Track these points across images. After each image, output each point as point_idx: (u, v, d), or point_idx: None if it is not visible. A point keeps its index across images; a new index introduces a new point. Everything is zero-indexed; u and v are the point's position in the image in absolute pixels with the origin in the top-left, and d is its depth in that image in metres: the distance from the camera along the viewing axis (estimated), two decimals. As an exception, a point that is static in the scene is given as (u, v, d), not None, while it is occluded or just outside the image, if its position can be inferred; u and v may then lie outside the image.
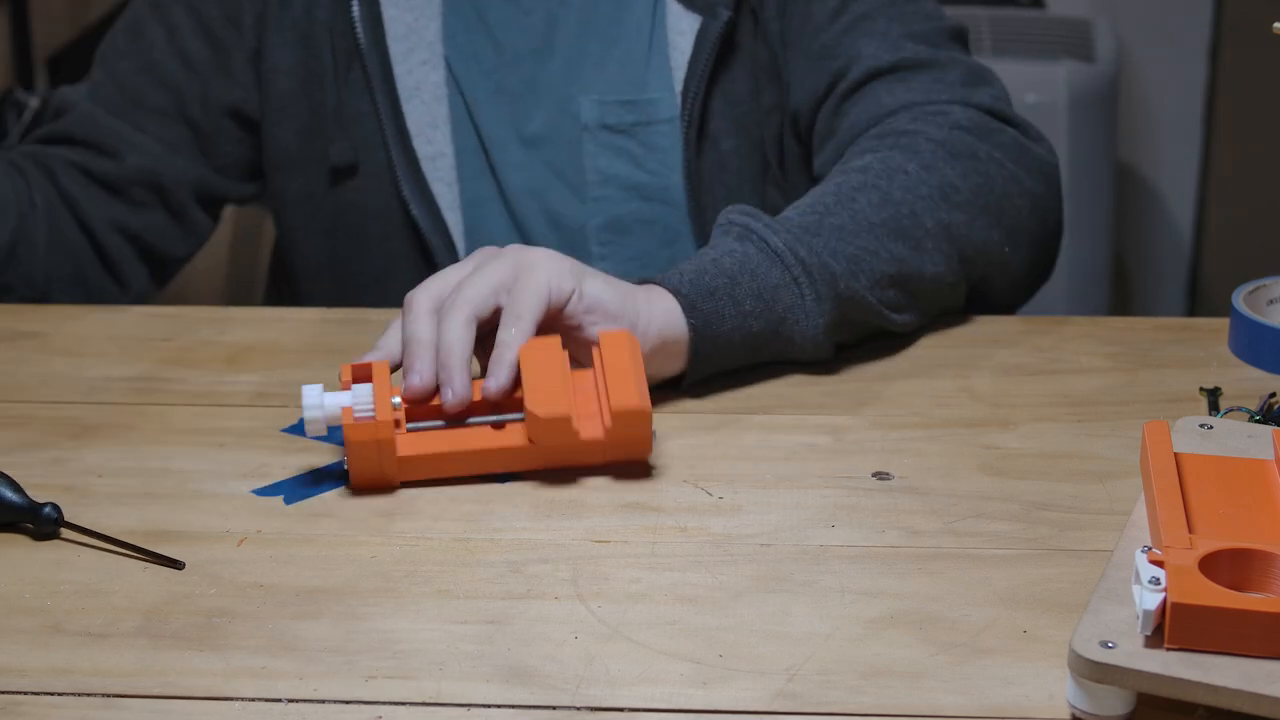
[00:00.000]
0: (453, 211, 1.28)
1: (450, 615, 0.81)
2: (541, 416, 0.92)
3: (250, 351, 1.12)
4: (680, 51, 1.28)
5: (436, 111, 1.28)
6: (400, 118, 1.28)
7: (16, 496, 0.88)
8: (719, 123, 1.28)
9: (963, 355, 1.11)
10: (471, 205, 1.29)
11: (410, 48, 1.28)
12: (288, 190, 1.32)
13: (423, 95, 1.28)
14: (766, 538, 0.89)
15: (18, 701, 0.75)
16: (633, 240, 1.30)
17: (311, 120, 1.30)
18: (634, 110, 1.29)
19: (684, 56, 1.27)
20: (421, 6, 1.29)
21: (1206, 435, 0.89)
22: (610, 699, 0.75)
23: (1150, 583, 0.73)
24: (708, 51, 1.26)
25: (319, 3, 1.29)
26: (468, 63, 1.29)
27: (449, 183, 1.28)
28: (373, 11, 1.28)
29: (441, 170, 1.28)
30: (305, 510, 0.92)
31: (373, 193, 1.29)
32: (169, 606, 0.82)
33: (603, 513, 0.91)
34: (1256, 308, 1.12)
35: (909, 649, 0.78)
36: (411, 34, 1.29)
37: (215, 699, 0.75)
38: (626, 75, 1.29)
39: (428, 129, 1.28)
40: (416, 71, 1.28)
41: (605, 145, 1.29)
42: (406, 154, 1.27)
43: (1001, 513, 0.91)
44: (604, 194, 1.29)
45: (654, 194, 1.29)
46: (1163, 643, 0.72)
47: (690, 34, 1.27)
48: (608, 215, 1.30)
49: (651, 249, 1.30)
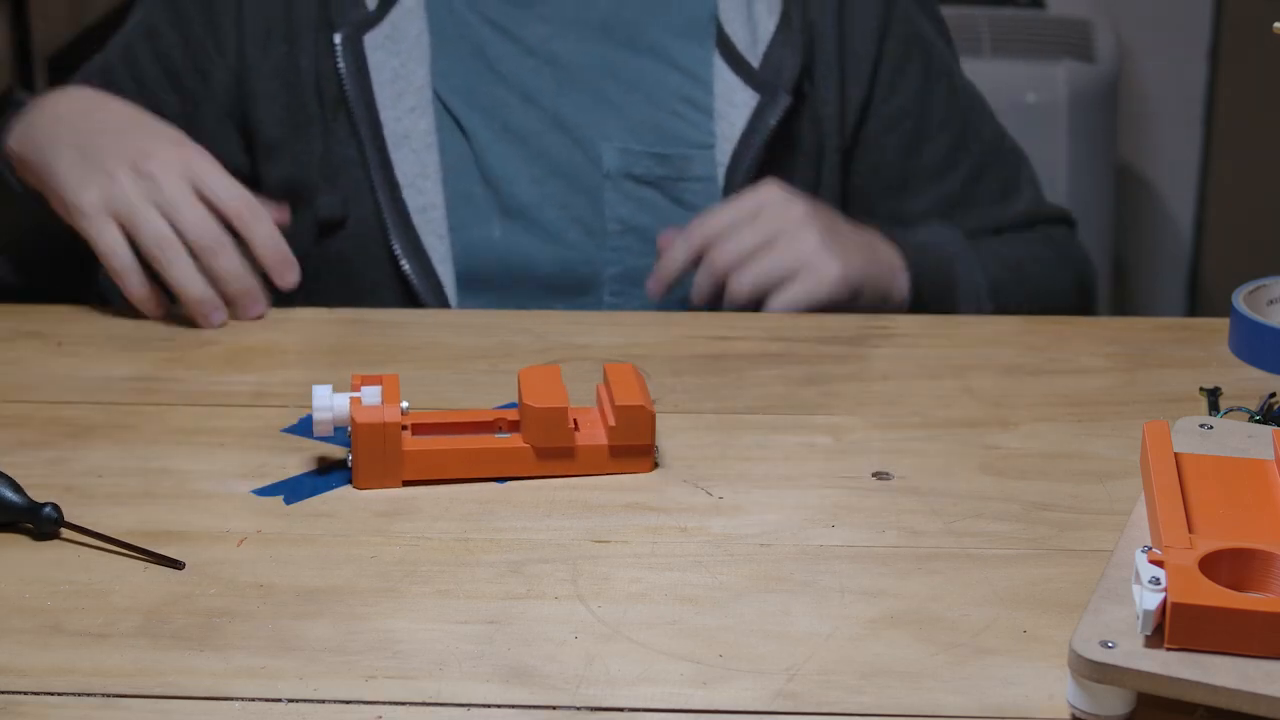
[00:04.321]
0: (444, 264, 1.25)
1: (450, 615, 0.81)
2: (537, 407, 0.93)
3: (250, 351, 1.12)
4: (730, 124, 1.26)
5: (427, 160, 1.25)
6: (389, 168, 1.25)
7: (16, 496, 0.88)
8: None
9: (963, 355, 1.11)
10: (464, 256, 1.26)
11: (398, 94, 1.25)
12: None
13: (412, 143, 1.25)
14: (766, 538, 0.89)
15: (18, 701, 0.75)
16: (644, 292, 1.26)
17: (295, 169, 1.27)
18: (665, 164, 1.27)
19: (734, 130, 1.26)
20: (409, 50, 1.26)
21: (1206, 435, 0.89)
22: (610, 699, 0.75)
23: (1150, 583, 0.73)
24: (764, 134, 1.25)
25: (302, 49, 1.26)
26: (467, 103, 1.27)
27: (440, 235, 1.25)
28: (358, 57, 1.25)
29: (433, 222, 1.25)
30: (305, 510, 0.92)
31: (360, 244, 1.26)
32: (169, 606, 0.82)
33: (603, 513, 0.91)
34: (1256, 308, 1.12)
35: (909, 649, 0.78)
36: (399, 79, 1.25)
37: (215, 699, 0.75)
38: (653, 127, 1.27)
39: (418, 179, 1.25)
40: (405, 119, 1.25)
41: (629, 195, 1.27)
42: (396, 206, 1.24)
43: (1001, 513, 0.91)
44: (622, 244, 1.27)
45: None
46: (1163, 643, 0.72)
47: (745, 109, 1.25)
48: (624, 265, 1.27)
49: (667, 304, 1.27)
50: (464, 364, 1.10)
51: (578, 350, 1.12)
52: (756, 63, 1.27)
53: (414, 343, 1.14)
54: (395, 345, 1.13)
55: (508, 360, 1.11)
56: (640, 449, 0.95)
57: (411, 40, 1.26)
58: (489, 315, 1.20)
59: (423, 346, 1.13)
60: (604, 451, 0.94)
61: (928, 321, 1.18)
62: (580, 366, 1.09)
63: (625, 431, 0.94)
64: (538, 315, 1.20)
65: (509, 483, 0.94)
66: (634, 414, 0.94)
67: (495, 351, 1.12)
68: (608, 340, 1.14)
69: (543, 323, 1.17)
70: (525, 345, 1.13)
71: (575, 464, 0.94)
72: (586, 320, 1.19)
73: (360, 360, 1.11)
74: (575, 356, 1.11)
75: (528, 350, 1.12)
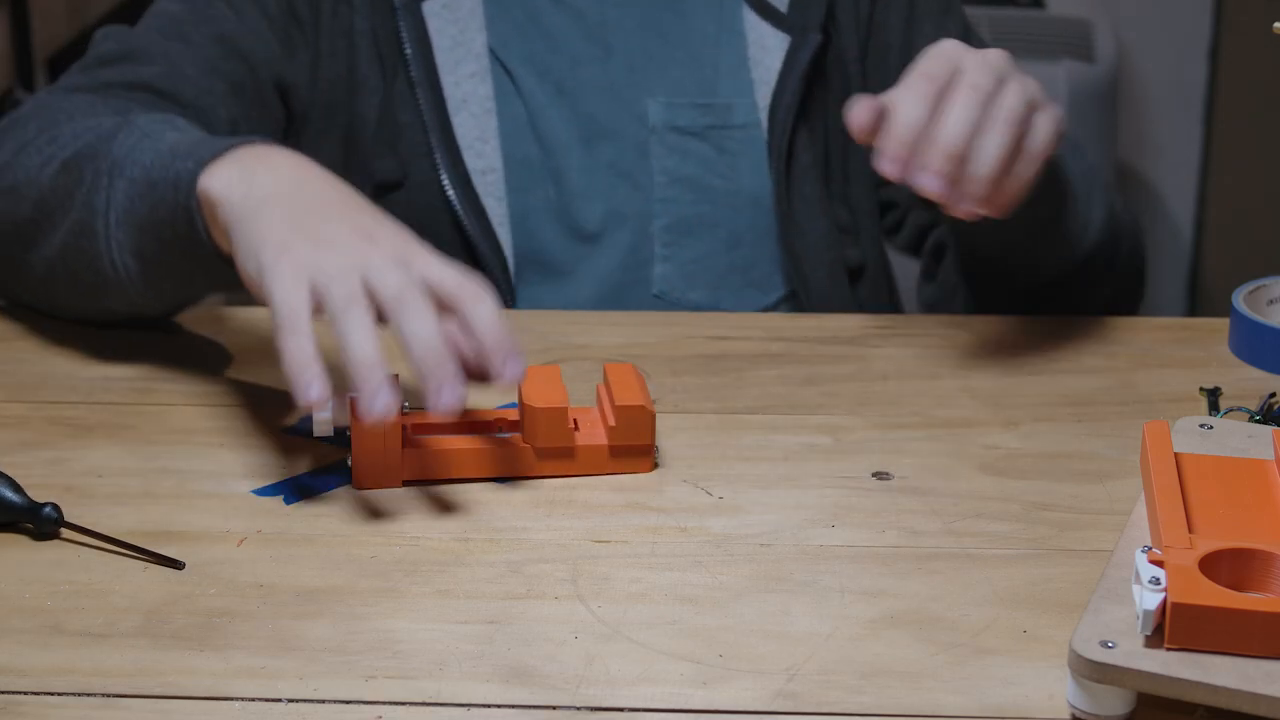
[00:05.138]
0: (502, 226, 1.26)
1: (450, 615, 0.81)
2: (538, 407, 0.93)
3: (250, 351, 1.12)
4: (765, 68, 1.28)
5: (486, 125, 1.27)
6: (449, 130, 1.26)
7: (16, 496, 0.88)
8: (802, 139, 1.29)
9: (963, 355, 1.11)
10: (520, 218, 1.27)
11: (458, 59, 1.27)
12: None
13: (471, 108, 1.27)
14: (766, 538, 0.89)
15: (18, 701, 0.75)
16: (696, 242, 1.29)
17: (350, 133, 1.28)
18: (708, 114, 1.29)
19: (770, 73, 1.28)
20: (467, 18, 1.27)
21: (1206, 435, 0.89)
22: (610, 699, 0.75)
23: (1150, 583, 0.73)
24: (799, 73, 1.27)
25: (358, 11, 1.27)
26: (524, 67, 1.28)
27: (498, 197, 1.26)
28: (418, 22, 1.26)
29: (492, 185, 1.26)
30: (305, 510, 0.92)
31: (419, 206, 1.26)
32: (169, 606, 0.82)
33: (603, 513, 0.91)
34: (1256, 308, 1.12)
35: (909, 649, 0.79)
36: (458, 46, 1.27)
37: (215, 699, 0.75)
38: (695, 79, 1.29)
39: (477, 143, 1.26)
40: (464, 84, 1.27)
41: (674, 147, 1.29)
42: (457, 168, 1.25)
43: (1001, 513, 0.91)
44: (671, 195, 1.29)
45: (722, 198, 1.29)
46: (1163, 643, 0.72)
47: (778, 52, 1.28)
48: (674, 216, 1.29)
49: (716, 251, 1.29)
50: (464, 364, 1.10)
51: (578, 350, 1.12)
52: (784, 8, 1.30)
53: (414, 343, 1.14)
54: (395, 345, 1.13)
55: (508, 360, 1.10)
56: (640, 449, 0.95)
57: (468, 10, 1.28)
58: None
59: (423, 346, 1.13)
60: (604, 451, 0.94)
61: (928, 321, 1.18)
62: (580, 366, 1.09)
63: (625, 431, 0.94)
64: (538, 315, 1.20)
65: (509, 482, 0.94)
66: (634, 414, 0.94)
67: (495, 351, 1.12)
68: (608, 340, 1.14)
69: (543, 322, 1.17)
70: (525, 345, 1.13)
71: (575, 464, 0.94)
72: (587, 320, 1.19)
73: (360, 360, 1.10)
74: (575, 356, 1.11)
75: (528, 350, 1.12)
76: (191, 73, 1.20)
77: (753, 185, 1.29)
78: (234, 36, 1.23)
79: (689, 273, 1.29)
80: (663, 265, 1.28)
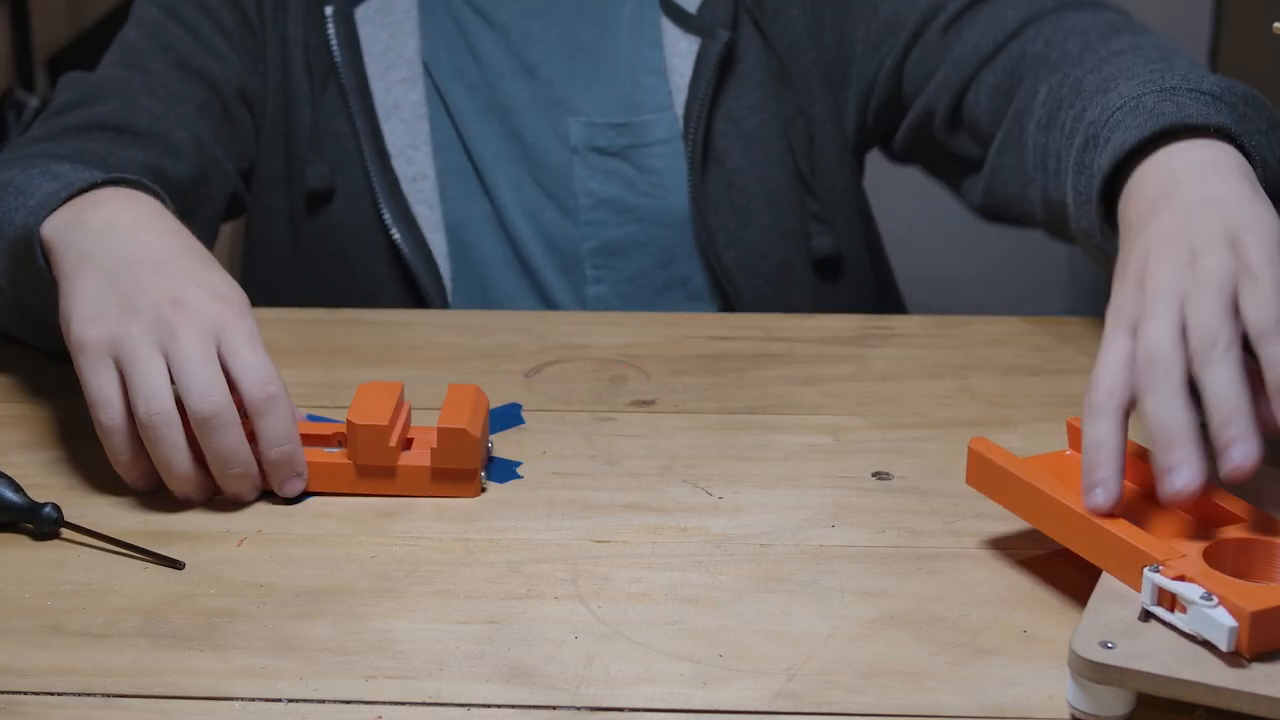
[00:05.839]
0: (435, 234, 1.25)
1: (450, 615, 0.81)
2: (358, 424, 0.91)
3: (250, 351, 1.12)
4: (680, 74, 1.26)
5: (417, 131, 1.26)
6: (379, 137, 1.25)
7: (16, 496, 0.89)
8: (725, 142, 1.26)
9: (963, 355, 1.11)
10: (458, 228, 1.26)
11: (388, 65, 1.26)
12: (268, 211, 1.29)
13: (402, 114, 1.26)
14: (766, 538, 0.89)
15: (18, 701, 0.75)
16: (627, 263, 1.28)
17: (286, 141, 1.27)
18: (626, 133, 1.27)
19: (684, 79, 1.26)
20: (399, 23, 1.27)
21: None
22: (610, 699, 0.75)
23: (1203, 599, 0.72)
24: (709, 74, 1.25)
25: (293, 19, 1.27)
26: (452, 79, 1.27)
27: (431, 205, 1.25)
28: (348, 28, 1.26)
29: (423, 192, 1.25)
30: (305, 510, 0.92)
31: (351, 214, 1.26)
32: (169, 606, 0.82)
33: (603, 513, 0.91)
34: (1256, 308, 1.11)
35: (909, 649, 0.78)
36: (389, 51, 1.26)
37: (215, 699, 0.75)
38: (615, 98, 1.27)
39: (408, 149, 1.26)
40: (395, 90, 1.26)
41: (596, 168, 1.27)
42: (386, 175, 1.25)
43: (1002, 513, 0.91)
44: (596, 217, 1.27)
45: (649, 216, 1.27)
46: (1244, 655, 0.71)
47: (689, 56, 1.26)
48: (600, 239, 1.27)
49: (648, 270, 1.28)
50: (463, 364, 1.10)
51: (577, 350, 1.12)
52: (694, 9, 1.27)
53: (413, 343, 1.14)
54: (394, 345, 1.13)
55: (507, 360, 1.11)
56: (464, 473, 0.92)
57: (401, 14, 1.27)
58: (488, 315, 1.20)
59: (422, 346, 1.13)
60: (426, 473, 0.93)
61: (928, 321, 1.18)
62: (580, 366, 1.09)
63: (447, 455, 0.92)
64: (537, 315, 1.20)
65: (509, 482, 0.94)
66: (456, 437, 0.92)
67: (494, 351, 1.12)
68: (607, 340, 1.14)
69: (541, 323, 1.17)
70: (524, 345, 1.13)
71: (395, 484, 0.93)
72: (586, 320, 1.19)
73: (359, 360, 1.11)
74: (575, 356, 1.11)
75: (527, 350, 1.12)
76: (148, 102, 1.22)
77: (680, 200, 1.26)
78: (192, 58, 1.25)
79: (624, 292, 1.27)
80: (596, 287, 1.27)
